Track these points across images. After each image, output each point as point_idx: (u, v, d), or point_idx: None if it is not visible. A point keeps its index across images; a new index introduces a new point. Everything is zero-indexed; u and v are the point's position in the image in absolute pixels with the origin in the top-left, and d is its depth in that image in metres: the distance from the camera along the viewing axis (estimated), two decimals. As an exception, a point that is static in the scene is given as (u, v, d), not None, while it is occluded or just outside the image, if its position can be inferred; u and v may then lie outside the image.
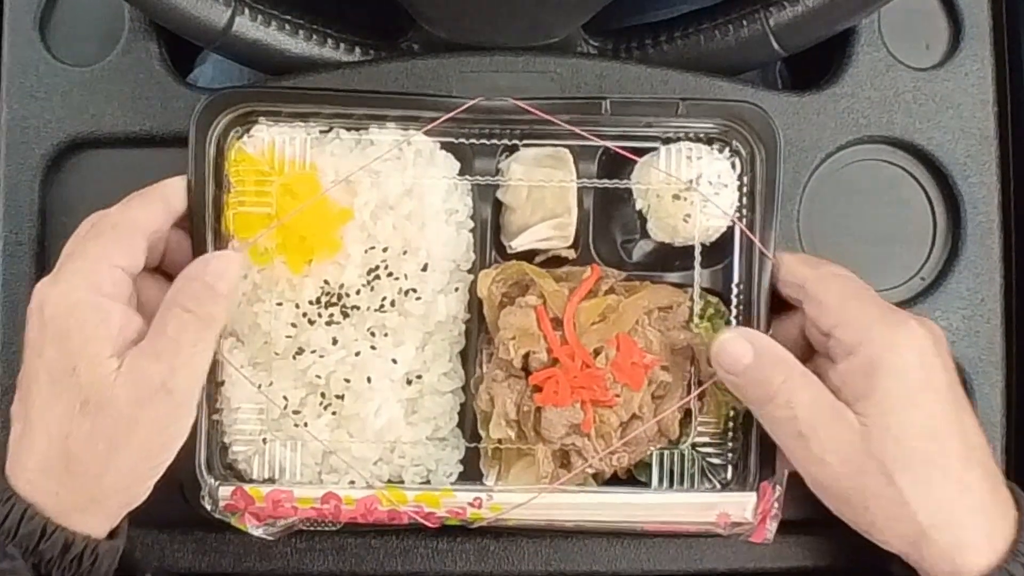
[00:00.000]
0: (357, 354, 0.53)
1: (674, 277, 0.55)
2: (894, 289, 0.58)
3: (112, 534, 0.50)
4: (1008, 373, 0.58)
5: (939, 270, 0.58)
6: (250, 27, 0.54)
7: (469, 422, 0.54)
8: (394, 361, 0.53)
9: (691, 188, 0.53)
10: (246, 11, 0.54)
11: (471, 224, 0.55)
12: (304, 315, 0.53)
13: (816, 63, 0.60)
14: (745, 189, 0.54)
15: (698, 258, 0.54)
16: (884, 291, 0.58)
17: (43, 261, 0.57)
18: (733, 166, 0.54)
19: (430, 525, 0.53)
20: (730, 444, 0.54)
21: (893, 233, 0.58)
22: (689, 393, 0.53)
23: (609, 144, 0.54)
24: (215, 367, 0.53)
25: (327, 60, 0.56)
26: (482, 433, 0.53)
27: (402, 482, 0.54)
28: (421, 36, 0.56)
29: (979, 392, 0.57)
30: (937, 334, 0.51)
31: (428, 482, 0.54)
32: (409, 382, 0.54)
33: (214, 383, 0.53)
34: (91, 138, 0.57)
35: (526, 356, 0.52)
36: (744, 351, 0.50)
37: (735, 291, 0.54)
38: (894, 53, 0.58)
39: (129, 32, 0.57)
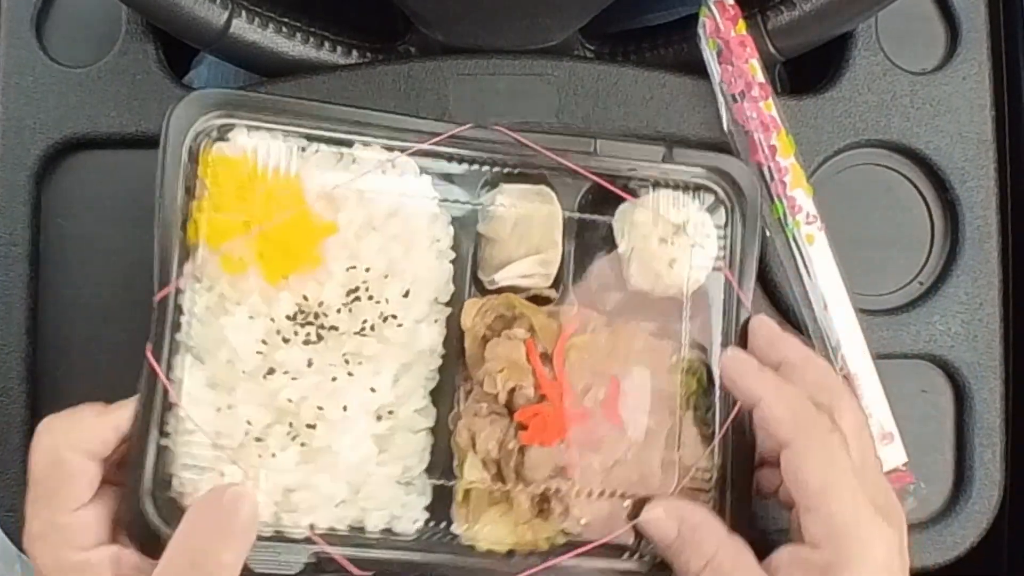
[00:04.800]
0: (333, 379, 0.48)
1: (651, 326, 0.52)
2: (892, 294, 0.58)
3: None
4: (1006, 377, 0.57)
5: (937, 274, 0.58)
6: (247, 29, 0.54)
7: (439, 464, 0.50)
8: (372, 390, 0.49)
9: (679, 232, 0.51)
10: (243, 13, 0.54)
11: (452, 255, 0.51)
12: (278, 332, 0.48)
13: (814, 67, 0.60)
14: (727, 241, 0.52)
15: (687, 310, 0.51)
16: (882, 295, 0.58)
17: (37, 263, 0.56)
18: (716, 216, 0.52)
19: None
20: (710, 494, 0.50)
21: (891, 237, 0.58)
22: (670, 442, 0.51)
23: (597, 179, 0.51)
24: (166, 388, 0.48)
25: (324, 62, 0.56)
26: (457, 473, 0.50)
27: (363, 528, 0.49)
28: (418, 39, 0.56)
29: (977, 396, 0.57)
30: (903, 529, 0.48)
31: (390, 529, 0.50)
32: (379, 418, 0.49)
33: (164, 406, 0.47)
34: (87, 139, 0.57)
35: (511, 392, 0.49)
36: (668, 529, 0.48)
37: (715, 344, 0.51)
38: (891, 57, 0.58)
39: (126, 33, 0.57)
